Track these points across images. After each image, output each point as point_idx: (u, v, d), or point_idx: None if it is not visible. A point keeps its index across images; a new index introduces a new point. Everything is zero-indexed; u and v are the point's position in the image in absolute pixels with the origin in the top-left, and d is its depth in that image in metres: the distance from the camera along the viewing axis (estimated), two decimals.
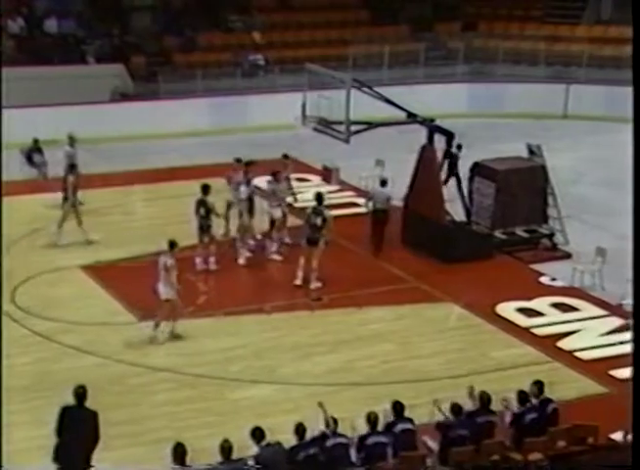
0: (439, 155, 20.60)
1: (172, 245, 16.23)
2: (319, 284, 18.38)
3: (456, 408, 12.23)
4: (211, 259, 18.94)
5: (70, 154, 22.39)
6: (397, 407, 12.15)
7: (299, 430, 11.50)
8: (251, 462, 11.19)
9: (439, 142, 20.41)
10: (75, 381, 14.46)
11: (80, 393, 11.80)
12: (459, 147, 21.51)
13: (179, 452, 10.80)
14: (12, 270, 18.58)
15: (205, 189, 18.81)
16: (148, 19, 31.96)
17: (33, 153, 24.17)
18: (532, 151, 21.01)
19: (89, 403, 13.71)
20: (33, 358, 15.56)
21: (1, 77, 24.90)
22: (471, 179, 20.82)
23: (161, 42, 31.49)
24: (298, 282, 18.40)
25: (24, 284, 18.12)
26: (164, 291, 16.08)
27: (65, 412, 11.75)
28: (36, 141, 24.05)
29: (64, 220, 19.91)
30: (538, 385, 12.72)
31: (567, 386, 14.68)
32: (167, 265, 15.95)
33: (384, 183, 20.42)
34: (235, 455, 11.05)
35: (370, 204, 20.41)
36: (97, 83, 28.54)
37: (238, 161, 20.22)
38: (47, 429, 13.18)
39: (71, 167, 22.04)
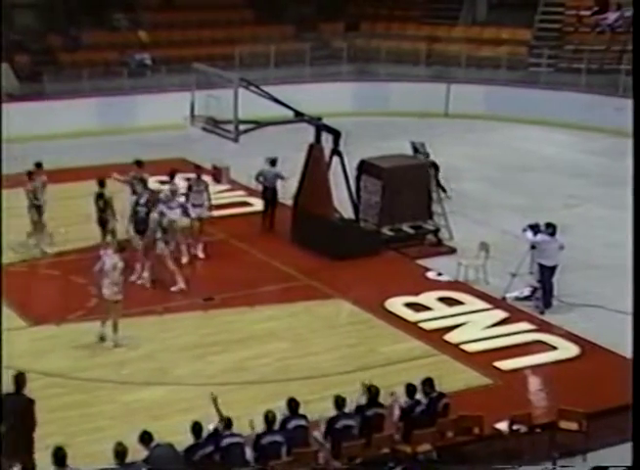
0: (327, 153, 20.87)
1: (121, 246, 16.83)
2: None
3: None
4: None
5: None
6: (292, 405, 12.37)
7: (196, 429, 11.63)
8: (143, 468, 11.25)
9: (326, 141, 20.71)
10: None
11: (20, 379, 12.00)
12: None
13: (60, 456, 10.80)
14: None
15: (102, 183, 19.33)
16: (31, 16, 31.41)
17: None
18: (416, 148, 21.48)
19: None
20: None
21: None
22: (358, 177, 21.15)
23: (46, 41, 31.03)
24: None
25: None
26: (115, 291, 16.04)
27: (4, 398, 11.87)
28: None
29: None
30: (428, 382, 13.06)
31: (453, 378, 15.07)
32: (118, 266, 16.04)
33: (273, 163, 21.51)
34: (129, 459, 11.11)
35: (260, 182, 21.56)
36: None
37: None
38: None
39: None
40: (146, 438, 11.29)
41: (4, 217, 18.99)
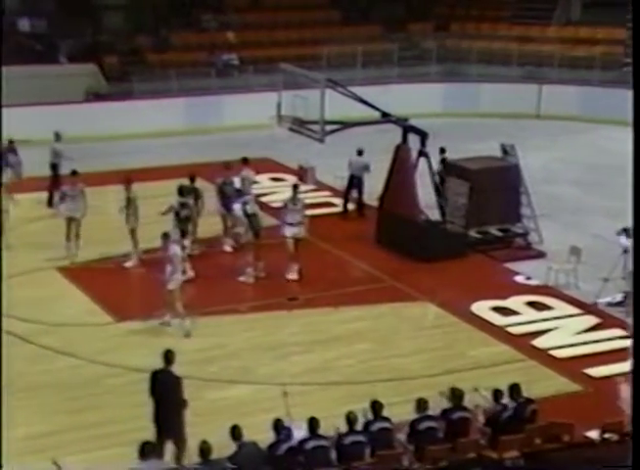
0: (414, 154, 20.67)
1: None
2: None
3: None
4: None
5: (57, 150, 22.42)
6: (376, 407, 12.19)
7: (277, 426, 11.55)
8: (227, 463, 11.20)
9: (414, 142, 20.51)
10: (51, 383, 14.61)
11: (169, 356, 12.44)
12: (442, 150, 21.69)
13: (146, 450, 10.82)
14: None
15: (192, 179, 19.57)
16: (120, 18, 31.86)
17: (8, 153, 24.01)
18: (506, 150, 21.13)
19: (64, 403, 13.81)
20: (8, 360, 15.44)
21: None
22: (442, 180, 20.90)
23: (135, 42, 31.39)
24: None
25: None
26: (178, 279, 16.37)
27: (154, 375, 12.31)
28: (11, 141, 23.92)
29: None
30: (515, 388, 12.76)
31: (542, 384, 14.76)
32: (180, 256, 16.45)
33: (360, 153, 21.87)
34: (214, 456, 11.06)
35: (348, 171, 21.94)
36: (70, 83, 28.45)
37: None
38: (17, 432, 13.24)
39: (53, 167, 21.99)
40: (236, 432, 11.29)
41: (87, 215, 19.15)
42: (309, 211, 21.83)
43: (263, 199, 22.29)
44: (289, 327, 17.07)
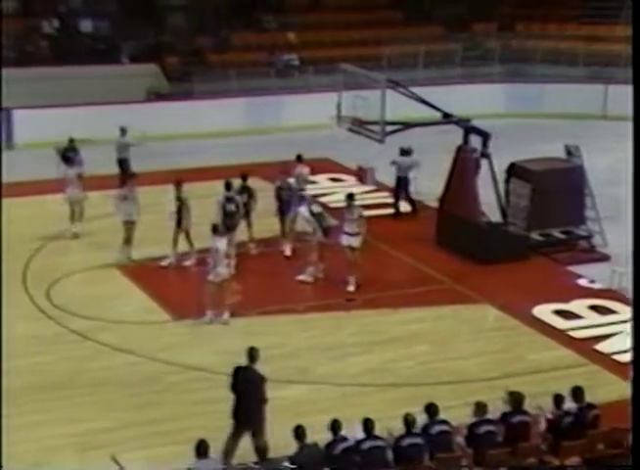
0: (475, 155, 20.41)
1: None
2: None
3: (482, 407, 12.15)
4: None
5: (124, 145, 22.68)
6: (431, 410, 12.04)
7: (335, 427, 11.47)
8: (286, 463, 11.13)
9: (475, 143, 20.29)
10: (111, 379, 14.68)
11: (253, 353, 12.51)
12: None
13: (202, 449, 10.83)
14: (46, 268, 18.68)
15: (245, 177, 19.55)
16: (182, 18, 32.05)
17: (69, 152, 24.25)
18: (570, 151, 20.81)
19: (124, 400, 13.87)
20: (68, 356, 15.59)
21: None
22: (507, 180, 20.67)
23: (195, 42, 31.52)
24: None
25: (60, 282, 18.17)
26: (219, 273, 16.57)
27: (237, 371, 12.46)
28: (72, 140, 24.13)
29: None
30: (578, 392, 12.52)
31: (604, 389, 14.51)
32: (225, 249, 16.68)
33: (406, 152, 21.77)
34: (270, 456, 11.00)
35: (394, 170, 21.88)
36: (132, 83, 28.66)
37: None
38: (78, 427, 13.32)
39: (121, 163, 22.15)
40: (299, 432, 11.24)
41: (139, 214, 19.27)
42: (368, 212, 21.78)
43: (322, 199, 22.21)
44: (347, 328, 16.96)
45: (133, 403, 14.21)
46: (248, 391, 12.45)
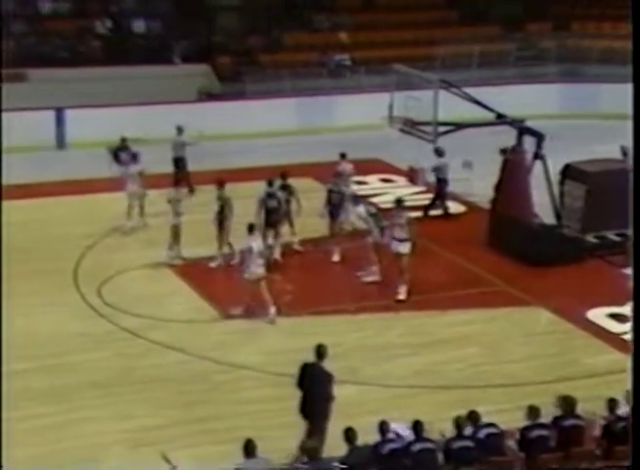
0: (529, 156, 20.20)
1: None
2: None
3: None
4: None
5: (180, 144, 22.81)
6: (473, 416, 11.85)
7: (383, 429, 11.37)
8: (335, 463, 11.03)
9: (529, 144, 20.05)
10: (161, 377, 14.71)
11: (321, 351, 12.53)
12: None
13: (250, 448, 10.77)
14: (98, 266, 18.78)
15: (284, 175, 19.50)
16: (234, 19, 32.09)
17: (121, 151, 24.39)
18: (626, 152, 20.49)
19: (174, 397, 13.87)
20: (118, 354, 15.64)
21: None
22: (561, 182, 20.42)
23: (247, 42, 31.55)
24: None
25: (111, 280, 18.25)
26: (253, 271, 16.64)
27: (304, 369, 12.53)
28: (124, 139, 24.29)
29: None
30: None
31: None
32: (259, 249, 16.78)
33: (440, 153, 21.49)
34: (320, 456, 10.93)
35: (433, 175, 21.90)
36: (183, 83, 28.73)
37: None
38: (128, 424, 13.35)
39: (177, 162, 22.31)
40: (350, 435, 11.14)
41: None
42: (419, 213, 21.66)
43: (374, 199, 22.08)
44: (396, 329, 16.83)
45: (182, 401, 14.22)
46: (314, 388, 12.44)
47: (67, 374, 14.78)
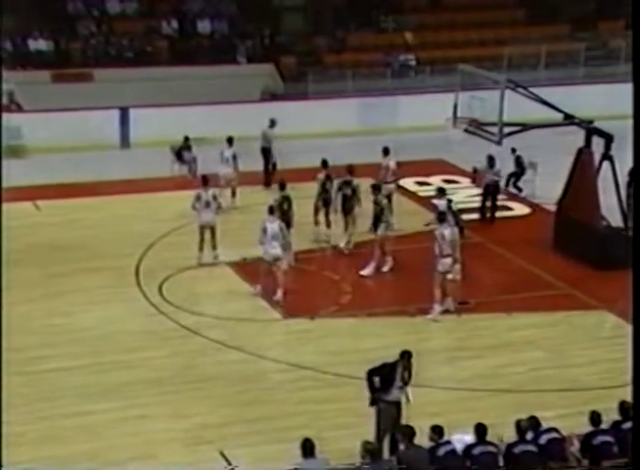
0: (597, 158, 19.82)
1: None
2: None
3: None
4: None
5: (269, 136, 23.36)
6: (532, 422, 11.63)
7: (436, 430, 11.23)
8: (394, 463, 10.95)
9: (597, 145, 19.67)
10: (220, 375, 14.68)
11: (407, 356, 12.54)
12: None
13: (308, 447, 10.68)
14: (159, 264, 18.82)
15: (351, 171, 19.66)
16: (299, 19, 32.08)
17: (183, 150, 24.55)
18: None
19: (232, 396, 13.79)
20: (178, 352, 15.65)
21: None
22: (629, 184, 19.98)
23: (312, 42, 31.51)
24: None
25: (172, 278, 18.28)
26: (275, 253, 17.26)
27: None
28: (187, 139, 24.42)
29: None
30: None
31: None
32: (276, 230, 17.27)
33: (492, 160, 21.15)
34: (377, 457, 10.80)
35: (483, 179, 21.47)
36: (247, 83, 28.78)
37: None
38: (185, 422, 13.34)
39: (265, 152, 22.89)
40: (407, 433, 11.04)
41: None
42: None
43: (435, 201, 21.82)
44: (458, 331, 16.63)
45: (240, 400, 14.17)
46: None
47: (126, 371, 14.83)
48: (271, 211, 17.49)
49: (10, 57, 27.88)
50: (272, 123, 23.67)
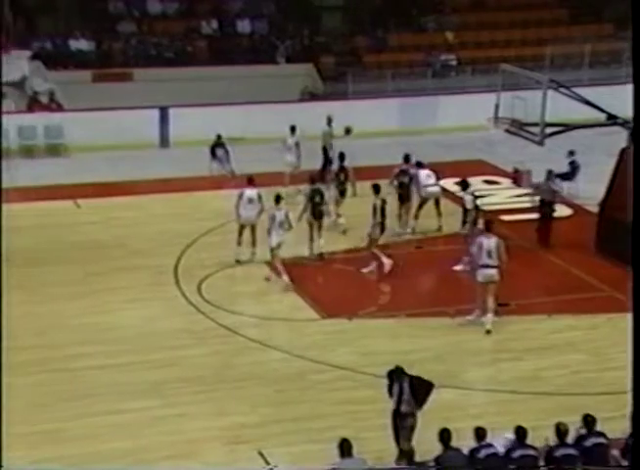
0: None
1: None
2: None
3: None
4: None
5: (326, 134, 23.63)
6: (589, 420, 11.52)
7: (479, 434, 11.12)
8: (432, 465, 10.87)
9: None
10: (258, 374, 14.64)
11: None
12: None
13: (346, 447, 10.66)
14: (197, 264, 18.82)
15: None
16: (338, 19, 32.06)
17: (216, 148, 24.55)
18: None
19: (270, 396, 13.71)
20: (217, 351, 15.63)
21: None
22: None
23: (351, 42, 31.43)
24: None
25: (210, 278, 18.27)
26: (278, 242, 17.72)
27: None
28: (219, 137, 24.44)
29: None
30: None
31: None
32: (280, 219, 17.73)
33: (551, 175, 20.22)
34: (417, 459, 10.70)
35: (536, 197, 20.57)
36: (287, 83, 28.75)
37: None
38: (224, 421, 13.30)
39: (325, 151, 23.04)
40: (445, 436, 10.96)
41: None
42: (524, 216, 21.18)
43: (477, 201, 21.63)
44: (498, 333, 16.42)
45: (278, 400, 14.12)
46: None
47: (164, 369, 14.83)
48: (277, 200, 17.82)
49: (51, 57, 28.08)
50: (329, 121, 23.87)
